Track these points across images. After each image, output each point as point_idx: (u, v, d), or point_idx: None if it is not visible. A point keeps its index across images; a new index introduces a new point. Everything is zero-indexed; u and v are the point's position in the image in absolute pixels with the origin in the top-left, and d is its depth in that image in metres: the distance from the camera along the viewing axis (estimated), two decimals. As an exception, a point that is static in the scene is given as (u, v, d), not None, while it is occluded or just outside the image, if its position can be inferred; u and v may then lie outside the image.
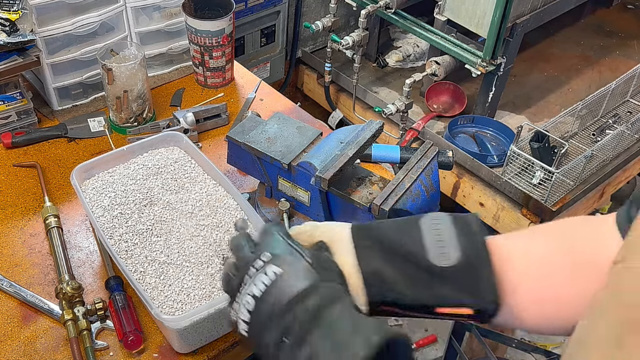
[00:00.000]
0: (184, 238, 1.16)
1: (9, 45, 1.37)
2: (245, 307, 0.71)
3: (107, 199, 1.21)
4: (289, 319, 0.67)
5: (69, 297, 1.10)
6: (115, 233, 1.15)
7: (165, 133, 1.37)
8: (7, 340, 1.10)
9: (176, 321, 1.02)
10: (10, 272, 1.21)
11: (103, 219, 1.17)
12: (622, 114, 2.19)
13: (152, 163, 1.29)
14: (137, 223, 1.17)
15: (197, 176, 1.28)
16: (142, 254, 1.13)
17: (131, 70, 1.45)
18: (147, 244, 1.14)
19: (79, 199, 1.19)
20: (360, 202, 1.17)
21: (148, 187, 1.24)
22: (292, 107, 1.68)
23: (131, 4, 1.55)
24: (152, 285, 1.09)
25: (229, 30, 1.62)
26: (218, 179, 1.27)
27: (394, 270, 0.73)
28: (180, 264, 1.12)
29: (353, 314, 0.67)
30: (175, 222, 1.19)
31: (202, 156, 1.30)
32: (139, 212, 1.19)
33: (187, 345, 1.08)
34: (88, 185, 1.24)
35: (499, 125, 2.14)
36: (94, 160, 1.26)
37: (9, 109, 1.49)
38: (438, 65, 2.10)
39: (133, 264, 1.11)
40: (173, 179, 1.27)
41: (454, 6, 2.02)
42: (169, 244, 1.15)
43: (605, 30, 2.72)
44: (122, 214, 1.19)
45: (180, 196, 1.24)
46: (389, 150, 1.39)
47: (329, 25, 2.27)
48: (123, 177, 1.26)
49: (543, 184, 1.84)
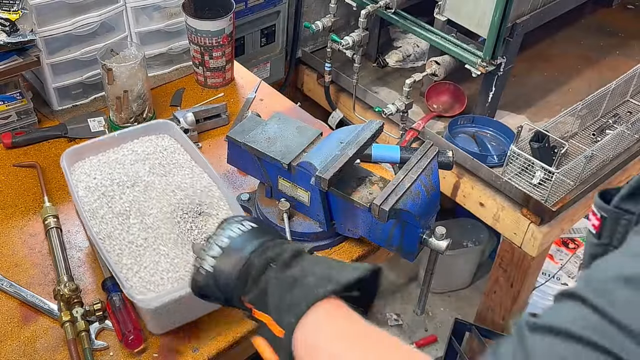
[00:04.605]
0: (163, 220, 1.17)
1: (9, 45, 1.37)
2: (218, 245, 0.84)
3: (93, 180, 1.23)
4: (276, 251, 0.81)
5: (67, 298, 1.10)
6: (97, 214, 1.17)
7: (156, 121, 1.39)
8: (7, 340, 1.10)
9: (147, 301, 1.04)
10: (10, 272, 1.21)
11: (86, 200, 1.19)
12: (622, 114, 2.19)
13: (142, 149, 1.31)
14: (118, 204, 1.19)
15: (184, 163, 1.30)
16: (120, 236, 1.14)
17: (131, 70, 1.45)
18: (126, 226, 1.16)
19: (66, 180, 1.21)
20: (360, 202, 1.17)
21: (134, 171, 1.26)
22: (292, 107, 1.68)
23: (131, 4, 1.55)
24: (127, 266, 1.11)
25: (229, 30, 1.62)
26: (204, 167, 1.29)
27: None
28: (157, 247, 1.13)
29: (331, 259, 0.83)
30: (153, 201, 1.20)
31: (191, 144, 1.32)
32: (120, 194, 1.21)
33: (160, 326, 1.10)
34: (76, 168, 1.26)
35: (499, 125, 2.14)
36: (85, 145, 1.29)
37: (9, 109, 1.49)
38: (438, 65, 2.10)
39: (111, 244, 1.13)
40: (160, 165, 1.29)
41: (454, 6, 2.02)
42: (146, 226, 1.16)
43: (605, 30, 2.72)
44: (104, 195, 1.20)
45: (165, 179, 1.25)
46: (389, 150, 1.39)
47: (329, 25, 2.27)
48: (111, 161, 1.28)
49: (543, 184, 1.84)
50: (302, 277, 0.75)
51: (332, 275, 0.74)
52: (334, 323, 0.70)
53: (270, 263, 0.80)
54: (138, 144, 1.32)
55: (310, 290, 0.73)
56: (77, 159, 1.27)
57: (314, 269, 0.77)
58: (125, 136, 1.33)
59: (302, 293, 0.73)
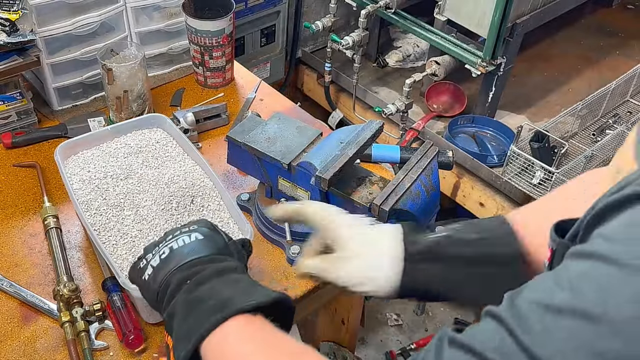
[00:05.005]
0: (157, 212, 1.18)
1: (9, 45, 1.37)
2: (160, 255, 0.83)
3: (87, 173, 1.25)
4: (196, 269, 0.79)
5: (66, 299, 1.10)
6: (92, 206, 1.18)
7: (149, 115, 1.40)
8: (7, 340, 1.10)
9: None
10: (10, 272, 1.21)
11: (80, 192, 1.20)
12: (622, 114, 2.19)
13: (135, 143, 1.33)
14: (111, 196, 1.20)
15: (177, 156, 1.31)
16: (115, 227, 1.15)
17: (131, 70, 1.45)
18: (120, 218, 1.17)
19: (60, 173, 1.22)
20: (360, 202, 1.17)
21: (128, 163, 1.28)
22: (292, 107, 1.68)
23: (131, 4, 1.55)
24: (122, 256, 1.12)
25: (229, 30, 1.62)
26: (196, 159, 1.30)
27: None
28: (152, 238, 1.14)
29: (253, 281, 0.79)
30: (147, 193, 1.22)
31: (184, 138, 1.33)
32: (114, 186, 1.22)
33: (154, 315, 1.11)
34: (70, 162, 1.27)
35: (499, 125, 2.14)
36: (79, 139, 1.30)
37: (9, 109, 1.49)
38: (438, 65, 2.10)
39: (106, 236, 1.14)
40: (153, 158, 1.30)
41: (454, 6, 2.02)
42: (141, 218, 1.17)
43: (605, 30, 2.72)
44: (98, 187, 1.21)
45: (158, 171, 1.27)
46: (389, 150, 1.39)
47: (329, 25, 2.27)
48: (105, 155, 1.29)
49: (543, 184, 1.84)
50: (206, 299, 0.74)
51: (232, 300, 0.72)
52: (244, 331, 0.70)
53: (186, 281, 0.78)
54: (131, 138, 1.34)
55: (203, 319, 0.71)
56: (71, 152, 1.29)
57: (222, 290, 0.75)
58: (119, 130, 1.34)
59: (195, 322, 0.72)
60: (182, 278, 0.79)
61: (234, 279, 0.79)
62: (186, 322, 0.73)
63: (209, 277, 0.77)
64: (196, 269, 0.79)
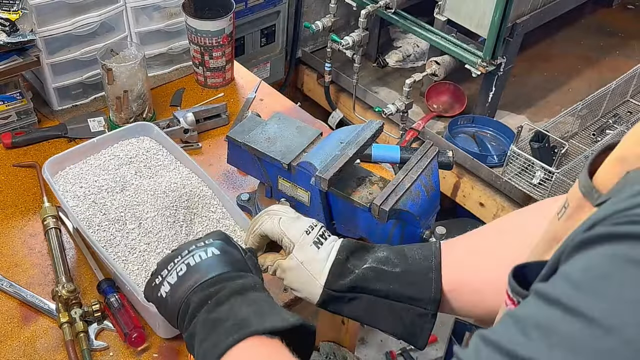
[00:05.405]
0: (162, 223, 1.16)
1: (9, 45, 1.37)
2: (177, 272, 0.82)
3: (79, 189, 1.21)
4: (216, 288, 0.79)
5: (65, 299, 1.10)
6: (93, 223, 1.15)
7: (134, 124, 1.38)
8: (7, 340, 1.10)
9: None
10: (10, 272, 1.21)
11: (78, 209, 1.17)
12: (622, 114, 2.19)
13: (124, 153, 1.29)
14: (110, 210, 1.17)
15: (170, 164, 1.29)
16: (121, 242, 1.13)
17: (131, 70, 1.45)
18: (125, 233, 1.15)
19: (53, 191, 1.19)
20: (360, 202, 1.17)
21: (121, 175, 1.25)
22: (292, 107, 1.68)
23: (131, 4, 1.55)
24: (135, 272, 1.10)
25: (229, 30, 1.62)
26: (191, 167, 1.28)
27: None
28: (162, 250, 1.13)
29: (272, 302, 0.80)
30: (147, 204, 1.19)
31: (174, 144, 1.31)
32: (111, 200, 1.19)
33: (172, 330, 1.09)
34: (59, 178, 1.24)
35: (499, 125, 2.14)
36: (65, 153, 1.27)
37: (8, 109, 1.49)
38: (438, 65, 2.10)
39: (114, 252, 1.12)
40: (146, 167, 1.27)
41: (454, 6, 2.02)
42: (146, 231, 1.15)
43: (605, 30, 2.72)
44: (95, 202, 1.18)
45: (154, 181, 1.24)
46: (389, 150, 1.39)
47: (329, 25, 2.27)
48: (94, 168, 1.26)
49: (543, 184, 1.84)
50: (224, 320, 0.74)
51: (248, 321, 0.73)
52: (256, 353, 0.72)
53: (207, 301, 0.78)
54: (118, 148, 1.30)
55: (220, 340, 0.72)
56: (58, 168, 1.25)
57: (240, 310, 0.75)
58: (104, 141, 1.31)
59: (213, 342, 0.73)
60: (203, 297, 0.78)
61: (253, 298, 0.78)
62: (206, 342, 0.74)
63: (228, 296, 0.77)
64: (216, 289, 0.79)
